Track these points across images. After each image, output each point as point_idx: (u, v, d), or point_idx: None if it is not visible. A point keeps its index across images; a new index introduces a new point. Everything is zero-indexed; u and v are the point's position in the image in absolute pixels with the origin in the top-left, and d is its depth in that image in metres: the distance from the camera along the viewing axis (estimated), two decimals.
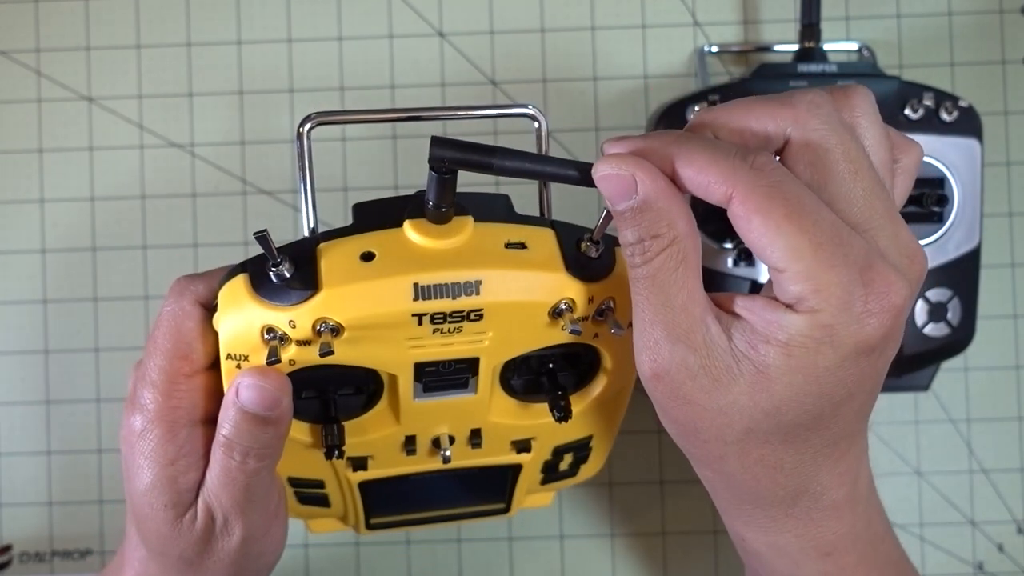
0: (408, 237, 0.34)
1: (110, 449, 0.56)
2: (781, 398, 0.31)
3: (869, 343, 0.30)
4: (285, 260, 0.33)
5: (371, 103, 0.56)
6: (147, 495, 0.37)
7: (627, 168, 0.31)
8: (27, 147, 0.56)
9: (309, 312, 0.33)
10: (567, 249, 0.35)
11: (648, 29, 0.56)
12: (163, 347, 0.36)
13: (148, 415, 0.37)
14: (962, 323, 0.51)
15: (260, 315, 0.33)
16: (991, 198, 0.55)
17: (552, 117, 0.56)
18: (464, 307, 0.33)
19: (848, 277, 0.30)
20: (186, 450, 0.37)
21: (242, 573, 0.40)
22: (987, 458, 0.56)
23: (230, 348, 0.34)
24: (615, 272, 0.35)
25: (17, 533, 0.56)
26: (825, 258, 0.29)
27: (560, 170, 0.33)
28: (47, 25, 0.56)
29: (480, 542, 0.56)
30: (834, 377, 0.31)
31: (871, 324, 0.30)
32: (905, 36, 0.56)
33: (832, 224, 0.30)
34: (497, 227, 0.35)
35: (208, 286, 0.37)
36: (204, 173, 0.56)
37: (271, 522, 0.40)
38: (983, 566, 0.56)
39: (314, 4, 0.56)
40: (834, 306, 0.30)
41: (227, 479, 0.37)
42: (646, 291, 0.32)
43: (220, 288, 0.35)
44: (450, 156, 0.31)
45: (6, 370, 0.56)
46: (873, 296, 0.30)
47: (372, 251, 0.33)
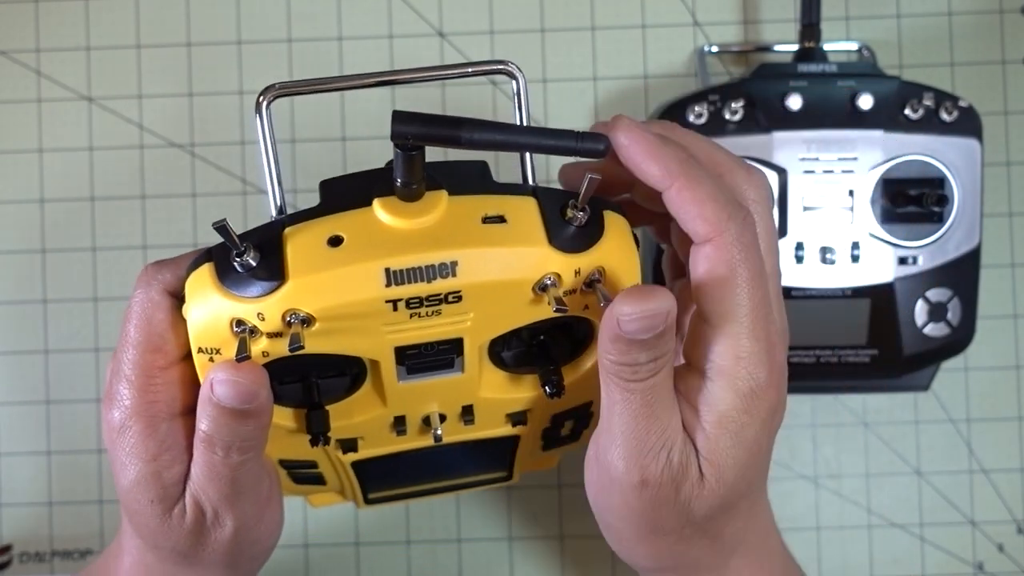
0: (378, 217, 0.32)
1: None
2: (730, 475, 0.35)
3: (773, 403, 0.35)
4: (249, 248, 0.31)
5: (371, 103, 0.56)
6: (133, 491, 0.37)
7: (662, 306, 0.32)
8: (27, 147, 0.56)
9: (277, 304, 0.31)
10: (550, 219, 0.33)
11: (648, 29, 0.56)
12: (135, 340, 0.35)
13: (125, 411, 0.36)
14: (962, 323, 0.51)
15: (228, 307, 0.32)
16: (991, 198, 0.55)
17: (552, 117, 0.56)
18: (440, 290, 0.32)
19: (766, 349, 0.35)
20: (168, 444, 0.36)
21: (239, 559, 0.40)
22: (987, 458, 0.56)
23: (200, 342, 0.33)
24: (604, 239, 0.33)
25: (17, 533, 0.56)
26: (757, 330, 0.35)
27: (538, 140, 0.31)
28: (47, 25, 0.56)
29: (480, 542, 0.56)
30: (758, 440, 0.35)
31: (773, 391, 0.35)
32: (905, 36, 0.56)
33: (772, 296, 0.36)
34: (473, 200, 0.33)
35: (176, 273, 0.35)
36: (204, 173, 0.56)
37: (263, 509, 0.39)
38: (983, 566, 0.56)
39: (314, 4, 0.56)
40: (753, 379, 0.34)
41: (212, 474, 0.36)
42: (646, 402, 0.34)
43: (187, 276, 0.34)
44: (414, 131, 0.30)
45: (6, 370, 0.56)
46: (775, 367, 0.35)
47: (340, 235, 0.32)
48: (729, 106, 0.50)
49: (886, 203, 0.50)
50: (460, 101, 0.56)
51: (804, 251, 0.50)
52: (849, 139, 0.50)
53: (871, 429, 0.56)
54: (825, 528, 0.56)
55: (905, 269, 0.50)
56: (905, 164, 0.50)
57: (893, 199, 0.50)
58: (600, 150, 0.32)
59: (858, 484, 0.56)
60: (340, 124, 0.56)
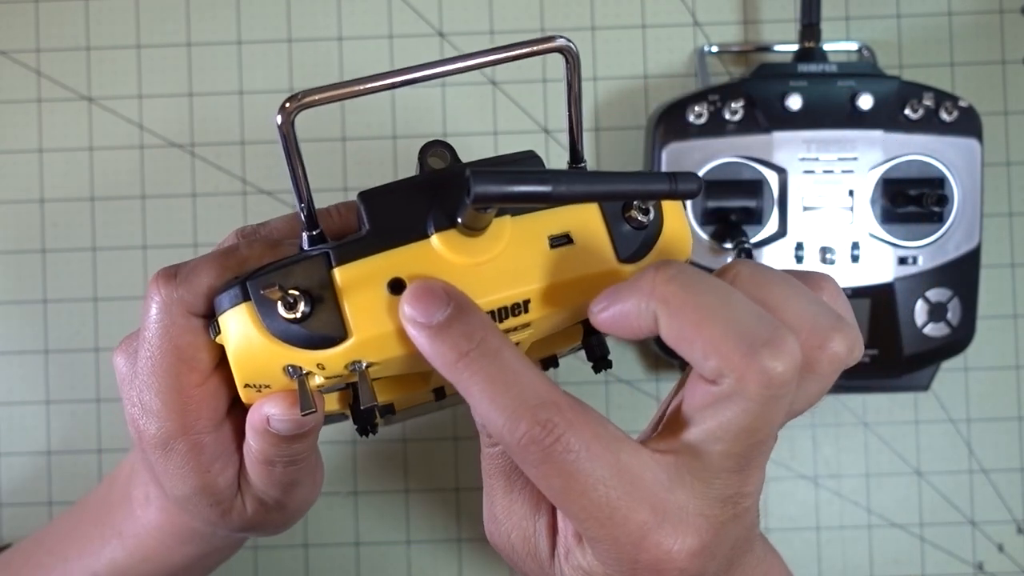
0: (439, 254, 0.29)
1: (110, 449, 0.56)
2: None
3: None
4: (301, 297, 0.29)
5: (371, 102, 0.56)
6: (190, 501, 0.36)
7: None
8: (27, 147, 0.56)
9: (339, 356, 0.29)
10: (614, 226, 0.31)
11: (648, 29, 0.56)
12: (164, 365, 0.34)
13: (165, 430, 0.34)
14: (962, 323, 0.51)
15: (279, 354, 0.30)
16: (991, 198, 0.55)
17: (552, 117, 0.56)
18: (512, 325, 0.30)
19: (617, 550, 0.29)
20: (217, 453, 0.35)
21: (286, 524, 0.40)
22: (987, 458, 0.56)
23: (247, 380, 0.31)
24: (664, 232, 0.32)
25: (17, 533, 0.56)
26: (595, 532, 0.29)
27: (633, 186, 0.28)
28: (47, 25, 0.56)
29: (480, 542, 0.56)
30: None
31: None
32: (905, 36, 0.56)
33: (601, 505, 0.28)
34: (536, 219, 0.30)
35: (195, 292, 0.33)
36: (204, 173, 0.56)
37: (313, 479, 0.39)
38: (983, 566, 0.56)
39: (314, 4, 0.56)
40: (607, 566, 0.30)
41: (271, 481, 0.36)
42: (492, 471, 0.32)
43: (219, 311, 0.31)
44: (498, 192, 0.26)
45: (6, 370, 0.56)
46: (641, 567, 0.29)
47: (402, 278, 0.29)
48: (729, 106, 0.50)
49: (886, 203, 0.50)
50: (459, 104, 0.56)
51: (804, 251, 0.50)
52: (849, 139, 0.50)
53: (871, 429, 0.56)
54: (825, 528, 0.56)
55: (905, 269, 0.50)
56: (905, 164, 0.50)
57: (893, 199, 0.50)
58: (694, 190, 0.28)
59: (858, 484, 0.56)
60: (340, 124, 0.56)
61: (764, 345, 0.27)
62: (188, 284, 0.33)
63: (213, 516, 0.37)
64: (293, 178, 0.30)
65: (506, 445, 0.28)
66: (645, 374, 0.56)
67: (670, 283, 0.28)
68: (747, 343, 0.27)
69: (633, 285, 0.29)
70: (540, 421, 0.28)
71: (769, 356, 0.27)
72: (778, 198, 0.50)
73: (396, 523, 0.56)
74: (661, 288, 0.28)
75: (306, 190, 0.30)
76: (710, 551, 0.29)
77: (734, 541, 0.31)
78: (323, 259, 0.30)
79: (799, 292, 0.30)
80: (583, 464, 0.28)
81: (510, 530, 0.32)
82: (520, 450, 0.28)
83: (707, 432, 0.29)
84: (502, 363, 0.29)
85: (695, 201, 0.50)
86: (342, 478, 0.56)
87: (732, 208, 0.50)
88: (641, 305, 0.29)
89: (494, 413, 0.28)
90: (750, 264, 0.31)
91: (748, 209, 0.50)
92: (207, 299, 0.33)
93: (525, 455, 0.28)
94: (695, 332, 0.28)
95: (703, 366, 0.28)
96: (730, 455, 0.29)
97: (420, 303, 0.29)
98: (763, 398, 0.27)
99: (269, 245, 0.34)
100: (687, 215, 0.33)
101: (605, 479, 0.28)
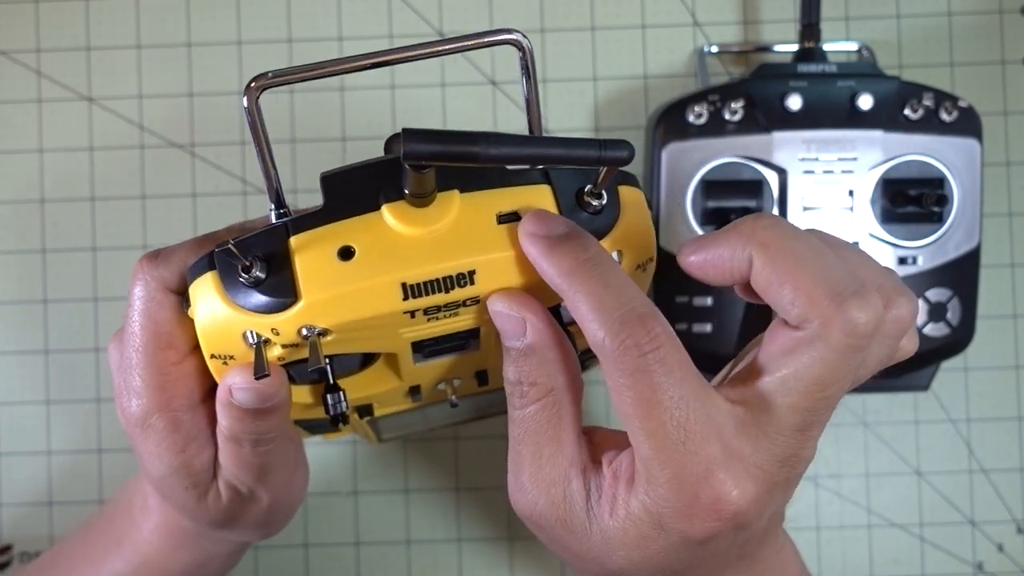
0: (388, 225, 0.31)
1: (110, 449, 0.56)
2: (622, 565, 0.32)
3: (697, 538, 0.30)
4: (256, 262, 0.30)
5: (372, 102, 0.56)
6: (166, 482, 0.37)
7: (519, 311, 0.31)
8: (27, 147, 0.56)
9: (291, 320, 0.31)
10: (566, 208, 0.32)
11: (648, 29, 0.56)
12: (143, 341, 0.35)
13: (144, 407, 0.35)
14: (962, 323, 0.51)
15: (238, 320, 0.31)
16: (991, 198, 0.55)
17: (552, 117, 0.56)
18: (459, 297, 0.31)
19: (679, 482, 0.29)
20: (193, 434, 0.36)
21: (273, 519, 0.41)
22: (987, 458, 0.56)
23: (212, 349, 0.33)
24: (620, 220, 0.32)
25: (17, 533, 0.56)
26: (663, 458, 0.29)
27: (559, 150, 0.29)
28: (47, 25, 0.56)
29: (480, 542, 0.56)
30: (668, 556, 0.31)
31: (697, 525, 0.30)
32: (905, 36, 0.56)
33: (679, 426, 0.29)
34: (486, 195, 0.32)
35: (172, 269, 0.35)
36: (204, 173, 0.56)
37: (293, 475, 0.40)
38: (983, 566, 0.56)
39: (314, 4, 0.56)
40: (664, 503, 0.30)
41: (241, 463, 0.37)
42: (519, 434, 0.32)
43: (190, 281, 0.33)
44: (428, 150, 0.28)
45: (6, 370, 0.56)
46: (699, 505, 0.29)
47: (351, 246, 0.31)
48: (729, 106, 0.50)
49: (886, 203, 0.50)
50: (459, 104, 0.56)
51: None
52: (849, 139, 0.50)
53: (871, 429, 0.56)
54: (825, 528, 0.56)
55: (905, 269, 0.50)
56: (905, 164, 0.50)
57: (893, 199, 0.50)
58: (624, 157, 0.30)
59: (858, 484, 0.56)
60: (340, 124, 0.56)
61: (853, 295, 0.29)
62: (168, 262, 0.35)
63: (190, 500, 0.37)
64: (260, 157, 0.32)
65: (605, 350, 0.29)
66: None
67: (770, 229, 0.30)
68: (837, 291, 0.29)
69: (731, 229, 0.31)
70: (647, 327, 0.29)
71: (856, 307, 0.29)
72: (778, 198, 0.50)
73: (396, 523, 0.56)
74: (761, 232, 0.30)
75: (272, 169, 0.32)
76: (762, 505, 0.30)
77: (776, 508, 0.32)
78: (282, 229, 0.31)
79: (868, 257, 0.32)
80: (673, 382, 0.29)
81: (538, 497, 0.32)
82: (620, 354, 0.29)
83: (781, 380, 0.30)
84: (614, 272, 0.30)
85: (695, 201, 0.50)
86: (342, 478, 0.56)
87: (732, 208, 0.50)
88: (738, 248, 0.30)
89: (602, 315, 0.29)
90: (823, 232, 0.32)
91: (748, 209, 0.50)
92: (184, 277, 0.34)
93: (622, 360, 0.29)
94: (788, 276, 0.29)
95: (790, 311, 0.29)
96: (798, 409, 0.30)
97: (542, 221, 0.31)
98: (843, 347, 0.29)
99: (245, 228, 0.36)
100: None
101: (689, 402, 0.29)
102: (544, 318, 0.31)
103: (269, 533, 0.43)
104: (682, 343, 0.30)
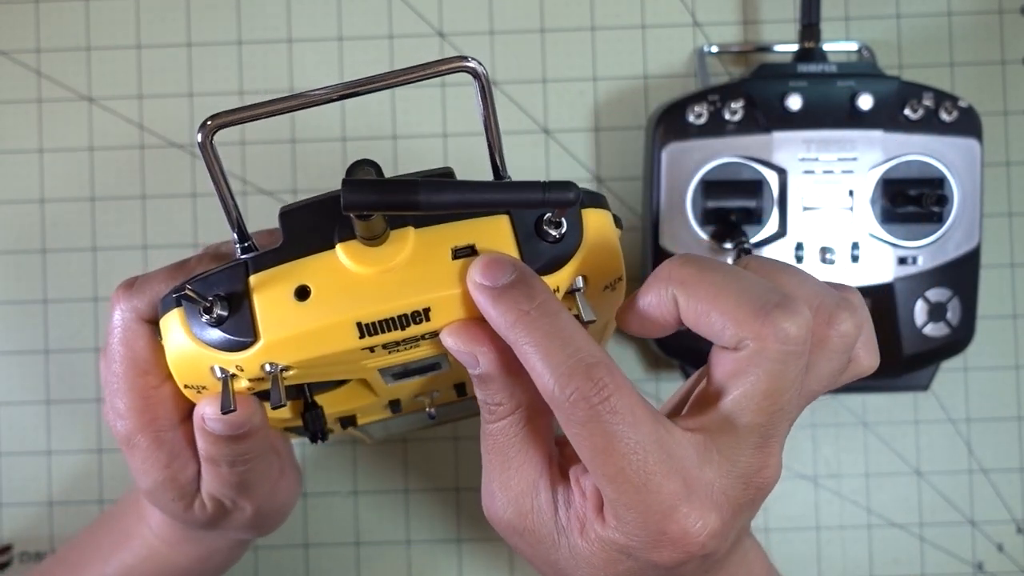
0: (343, 264, 0.31)
1: (110, 449, 0.56)
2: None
3: (665, 565, 0.31)
4: (217, 302, 0.31)
5: (373, 103, 0.56)
6: (154, 494, 0.38)
7: (467, 346, 0.31)
8: (27, 147, 0.56)
9: (252, 359, 0.31)
10: (524, 239, 0.32)
11: (648, 29, 0.56)
12: (123, 368, 0.36)
13: (129, 427, 0.37)
14: (962, 323, 0.51)
15: (204, 356, 0.32)
16: (991, 198, 0.55)
17: (552, 117, 0.56)
18: (415, 333, 0.31)
19: (644, 520, 0.30)
20: (177, 450, 0.38)
21: (263, 523, 0.42)
22: (987, 458, 0.56)
23: (184, 380, 0.34)
24: (582, 247, 0.32)
25: (17, 533, 0.56)
26: (626, 501, 0.30)
27: (501, 195, 0.29)
28: (47, 25, 0.56)
29: (480, 542, 0.56)
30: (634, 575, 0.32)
31: (665, 556, 0.31)
32: (905, 36, 0.56)
33: (638, 470, 0.29)
34: (441, 230, 0.31)
35: (145, 300, 0.36)
36: (204, 173, 0.56)
37: (277, 485, 0.42)
38: (983, 566, 0.56)
39: (314, 4, 0.56)
40: (632, 537, 0.30)
41: (220, 481, 0.38)
42: (489, 447, 0.33)
43: (160, 315, 0.33)
44: (367, 201, 0.28)
45: (7, 370, 0.56)
46: (666, 539, 0.30)
47: (307, 285, 0.31)
48: (729, 106, 0.50)
49: (886, 203, 0.50)
50: (458, 107, 0.56)
51: (804, 251, 0.50)
52: (849, 139, 0.50)
53: (871, 429, 0.56)
54: (825, 528, 0.56)
55: (905, 269, 0.50)
56: (905, 164, 0.50)
57: (893, 199, 0.50)
58: (569, 199, 0.29)
59: (858, 484, 0.56)
60: (340, 124, 0.56)
61: (775, 307, 0.30)
62: (142, 293, 0.36)
63: (178, 510, 0.39)
64: (219, 193, 0.32)
65: (555, 402, 0.30)
66: (645, 374, 0.56)
67: (686, 266, 0.31)
68: (759, 307, 0.30)
69: (651, 277, 0.32)
70: (593, 378, 0.29)
71: (782, 317, 0.30)
72: (778, 198, 0.50)
73: (396, 523, 0.56)
74: (678, 272, 0.31)
75: (233, 205, 0.32)
76: (726, 532, 0.31)
77: (740, 530, 0.32)
78: (242, 267, 0.32)
79: (805, 276, 0.32)
80: (626, 428, 0.29)
81: (506, 505, 0.33)
82: (569, 407, 0.29)
83: (734, 401, 0.31)
84: (559, 323, 0.30)
85: (695, 201, 0.50)
86: (342, 478, 0.56)
87: (732, 208, 0.50)
88: (662, 292, 0.31)
89: (548, 368, 0.30)
90: (760, 256, 0.33)
91: (748, 209, 0.50)
92: (156, 307, 0.35)
93: (572, 412, 0.29)
94: (712, 305, 0.30)
95: (723, 336, 0.30)
96: (755, 427, 0.31)
97: (488, 270, 0.31)
98: (781, 355, 0.30)
99: (216, 258, 0.37)
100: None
101: (644, 445, 0.29)
102: (494, 347, 0.32)
103: (265, 532, 0.44)
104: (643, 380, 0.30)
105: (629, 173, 0.56)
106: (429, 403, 0.40)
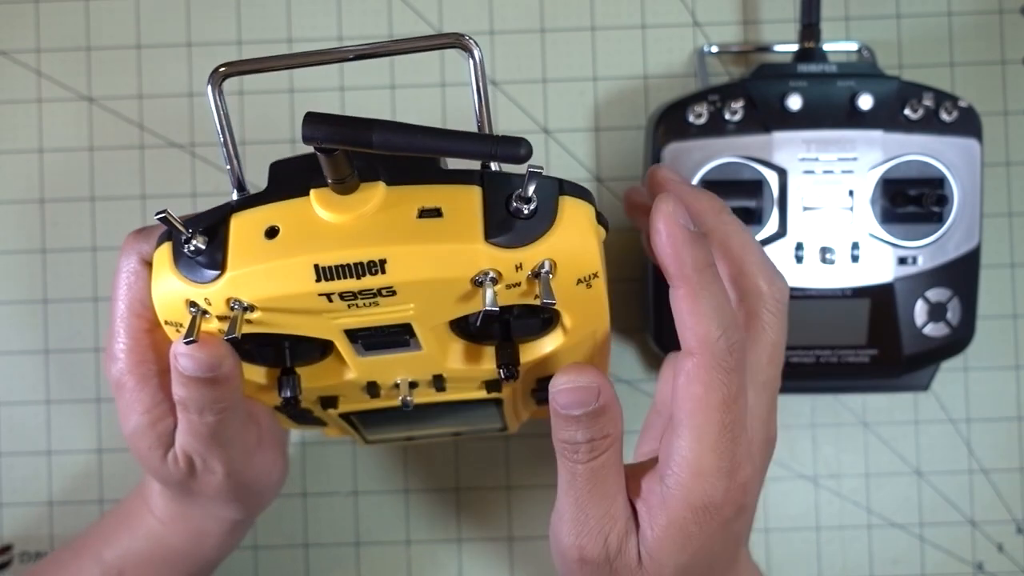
0: (313, 209, 0.32)
1: (110, 449, 0.56)
2: None
3: (726, 518, 0.35)
4: (196, 234, 0.32)
5: (374, 101, 0.56)
6: (134, 438, 0.40)
7: (592, 381, 0.34)
8: (27, 147, 0.56)
9: (219, 292, 0.32)
10: (492, 211, 0.32)
11: (648, 29, 0.56)
12: (121, 308, 0.38)
13: (120, 368, 0.39)
14: (962, 323, 0.51)
15: (180, 288, 0.33)
16: (991, 198, 0.55)
17: (552, 117, 0.56)
18: (370, 285, 0.32)
19: (730, 468, 0.35)
20: (159, 398, 0.39)
21: (241, 496, 0.43)
22: (987, 458, 0.56)
23: (164, 316, 0.35)
24: (553, 230, 0.32)
25: (17, 533, 0.56)
26: (724, 447, 0.34)
27: (452, 144, 0.30)
28: (47, 25, 0.56)
29: (480, 542, 0.56)
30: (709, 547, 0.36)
31: (733, 499, 0.35)
32: (905, 36, 0.56)
33: (746, 417, 0.35)
34: (412, 190, 0.32)
35: (152, 243, 0.37)
36: (204, 173, 0.56)
37: (252, 455, 0.42)
38: (983, 566, 0.56)
39: (314, 4, 0.56)
40: (709, 491, 0.34)
41: (192, 430, 0.39)
42: (588, 483, 0.35)
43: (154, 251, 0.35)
44: (322, 134, 0.29)
45: (7, 370, 0.56)
46: (735, 485, 0.35)
47: (277, 226, 0.32)
48: (729, 106, 0.50)
49: (886, 203, 0.50)
50: (458, 107, 0.56)
51: (804, 251, 0.50)
52: (849, 139, 0.50)
53: (871, 429, 0.56)
54: (825, 528, 0.56)
55: (905, 269, 0.50)
56: (905, 164, 0.50)
57: (893, 199, 0.50)
58: (520, 155, 0.30)
59: (858, 484, 0.56)
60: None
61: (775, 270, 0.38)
62: (148, 237, 0.38)
63: (154, 460, 0.40)
64: (221, 141, 0.34)
65: (713, 347, 0.33)
66: (645, 374, 0.56)
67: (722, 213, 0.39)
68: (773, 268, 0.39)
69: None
70: (741, 333, 0.35)
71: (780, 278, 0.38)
72: (778, 198, 0.50)
73: (396, 523, 0.56)
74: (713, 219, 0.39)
75: (234, 154, 0.34)
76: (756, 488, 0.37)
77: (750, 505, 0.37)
78: (227, 208, 0.33)
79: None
80: (747, 382, 0.35)
81: (588, 540, 0.36)
82: (726, 352, 0.33)
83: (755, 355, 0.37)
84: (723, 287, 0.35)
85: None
86: (342, 478, 0.56)
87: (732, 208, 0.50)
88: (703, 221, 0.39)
89: (720, 316, 0.34)
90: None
91: (748, 209, 0.50)
92: None
93: (726, 359, 0.33)
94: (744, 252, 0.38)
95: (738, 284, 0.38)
96: (770, 381, 0.37)
97: (682, 212, 0.34)
98: (781, 309, 0.38)
99: None
100: (601, 236, 0.34)
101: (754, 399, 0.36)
102: (606, 378, 0.34)
103: (246, 513, 0.45)
104: None
105: (629, 173, 0.56)
106: (407, 390, 0.40)
